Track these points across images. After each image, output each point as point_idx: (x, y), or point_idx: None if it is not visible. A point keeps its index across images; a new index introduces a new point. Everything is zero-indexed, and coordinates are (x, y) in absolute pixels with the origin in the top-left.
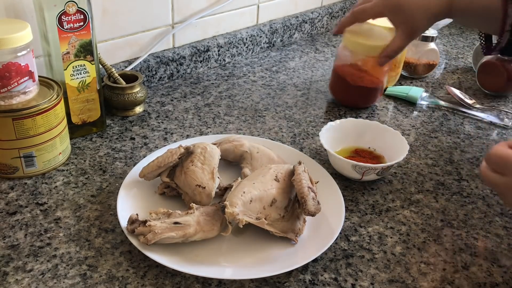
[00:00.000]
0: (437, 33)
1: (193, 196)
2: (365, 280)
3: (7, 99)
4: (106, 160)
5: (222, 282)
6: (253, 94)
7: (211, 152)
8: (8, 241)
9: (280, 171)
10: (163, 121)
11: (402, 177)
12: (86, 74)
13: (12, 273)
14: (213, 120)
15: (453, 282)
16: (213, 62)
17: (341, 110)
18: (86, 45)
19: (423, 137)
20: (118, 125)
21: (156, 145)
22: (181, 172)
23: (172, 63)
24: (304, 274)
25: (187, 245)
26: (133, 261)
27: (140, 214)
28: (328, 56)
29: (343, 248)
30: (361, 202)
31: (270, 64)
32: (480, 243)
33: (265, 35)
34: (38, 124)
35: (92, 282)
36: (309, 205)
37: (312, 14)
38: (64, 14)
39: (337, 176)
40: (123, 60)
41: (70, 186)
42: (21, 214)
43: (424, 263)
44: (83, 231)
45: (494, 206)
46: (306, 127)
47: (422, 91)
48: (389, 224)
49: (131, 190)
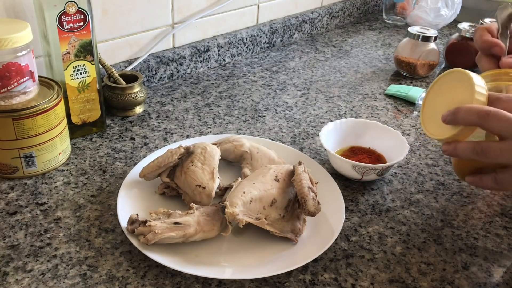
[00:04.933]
0: (437, 33)
1: (193, 196)
2: (365, 280)
3: (7, 99)
4: (106, 160)
5: (222, 282)
6: (253, 94)
7: (211, 152)
8: (8, 241)
9: (280, 171)
10: (163, 121)
11: (402, 177)
12: (86, 74)
13: (12, 273)
14: (213, 120)
15: (453, 282)
16: (213, 62)
17: (341, 110)
18: (86, 45)
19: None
20: (118, 125)
21: (156, 145)
22: (181, 172)
23: (172, 63)
24: (304, 274)
25: (187, 245)
26: (133, 261)
27: (140, 214)
28: (328, 56)
29: (343, 248)
30: (361, 202)
31: (270, 64)
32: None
33: (265, 35)
34: (38, 124)
35: (92, 282)
36: (309, 205)
37: (312, 14)
38: (64, 14)
39: (337, 176)
40: (123, 60)
41: (70, 186)
42: (21, 214)
43: (424, 263)
44: (83, 231)
45: (494, 206)
46: (306, 127)
47: (422, 91)
48: (389, 224)
49: (131, 190)
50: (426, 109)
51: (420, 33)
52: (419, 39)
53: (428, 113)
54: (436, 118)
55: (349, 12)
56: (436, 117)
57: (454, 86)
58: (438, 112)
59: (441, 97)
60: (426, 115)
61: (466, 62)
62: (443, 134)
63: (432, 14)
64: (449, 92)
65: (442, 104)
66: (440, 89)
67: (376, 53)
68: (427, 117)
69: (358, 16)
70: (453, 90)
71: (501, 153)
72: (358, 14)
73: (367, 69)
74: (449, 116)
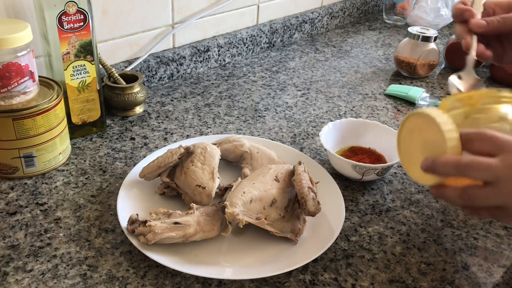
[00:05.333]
0: (437, 33)
1: (193, 196)
2: (365, 280)
3: (7, 99)
4: (106, 160)
5: (222, 282)
6: (253, 94)
7: (211, 152)
8: (8, 241)
9: (280, 171)
10: (163, 121)
11: (402, 177)
12: (86, 74)
13: (12, 273)
14: (213, 120)
15: (453, 282)
16: (213, 62)
17: (341, 110)
18: (86, 45)
19: None
20: (118, 125)
21: (156, 145)
22: (181, 172)
23: (172, 63)
24: (304, 274)
25: (187, 245)
26: (133, 261)
27: (140, 214)
28: (328, 56)
29: (343, 248)
30: (361, 202)
31: (270, 64)
32: None
33: (265, 35)
34: (38, 124)
35: (92, 282)
36: (309, 205)
37: (312, 14)
38: (64, 14)
39: (337, 176)
40: (123, 60)
41: (70, 186)
42: (21, 214)
43: (424, 263)
44: (83, 231)
45: None
46: (306, 127)
47: (422, 91)
48: (389, 224)
49: (131, 190)
50: (403, 153)
51: (420, 33)
52: (419, 39)
53: (406, 157)
54: (415, 162)
55: (349, 12)
56: (415, 161)
57: (421, 128)
58: (415, 156)
59: (414, 140)
60: (405, 158)
61: (464, 62)
62: (427, 179)
63: (432, 14)
64: (420, 134)
65: (416, 148)
66: (410, 132)
67: (376, 53)
68: (406, 161)
69: (358, 16)
70: (422, 132)
71: (488, 199)
72: (358, 14)
73: (367, 69)
74: (428, 168)
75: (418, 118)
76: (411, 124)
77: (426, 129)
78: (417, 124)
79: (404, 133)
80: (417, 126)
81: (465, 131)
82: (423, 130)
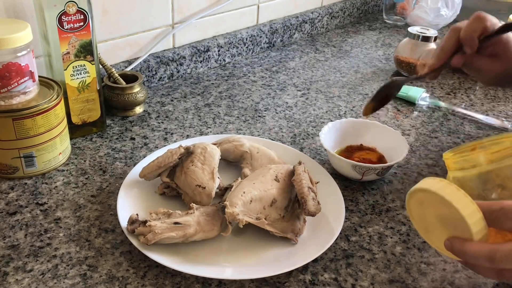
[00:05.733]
0: (437, 33)
1: (193, 196)
2: (365, 280)
3: (7, 99)
4: (106, 160)
5: (222, 282)
6: (253, 94)
7: (211, 152)
8: (8, 241)
9: (280, 171)
10: (163, 121)
11: (402, 177)
12: (86, 74)
13: (12, 273)
14: (213, 120)
15: (453, 282)
16: (213, 62)
17: (341, 110)
18: (86, 45)
19: (423, 137)
20: (118, 125)
21: (156, 145)
22: (181, 172)
23: (172, 63)
24: (304, 274)
25: (187, 245)
26: (133, 261)
27: (140, 214)
28: (328, 56)
29: (343, 248)
30: (361, 202)
31: (270, 64)
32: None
33: (265, 35)
34: (38, 124)
35: (92, 282)
36: (309, 205)
37: (312, 14)
38: (64, 14)
39: (337, 176)
40: (123, 60)
41: (70, 186)
42: (21, 214)
43: (424, 263)
44: (83, 231)
45: None
46: (306, 127)
47: (422, 91)
48: (389, 224)
49: (131, 190)
50: (417, 221)
51: (420, 33)
52: (419, 39)
53: (422, 224)
54: (433, 231)
55: (349, 12)
56: (433, 230)
57: (434, 203)
58: (432, 225)
59: (427, 211)
60: (421, 226)
61: None
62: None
63: (432, 14)
64: (434, 208)
65: (432, 218)
66: (421, 204)
67: (376, 53)
68: (423, 228)
69: (358, 16)
70: (436, 207)
71: None
72: (358, 14)
73: (367, 69)
74: (455, 253)
75: (427, 194)
76: (420, 198)
77: (442, 207)
78: (427, 198)
79: (413, 204)
80: (427, 200)
81: (487, 207)
82: (436, 206)
